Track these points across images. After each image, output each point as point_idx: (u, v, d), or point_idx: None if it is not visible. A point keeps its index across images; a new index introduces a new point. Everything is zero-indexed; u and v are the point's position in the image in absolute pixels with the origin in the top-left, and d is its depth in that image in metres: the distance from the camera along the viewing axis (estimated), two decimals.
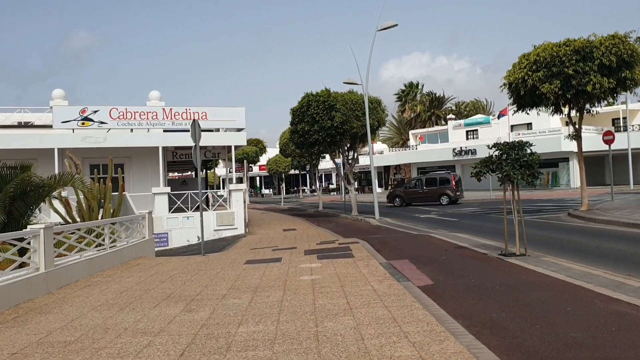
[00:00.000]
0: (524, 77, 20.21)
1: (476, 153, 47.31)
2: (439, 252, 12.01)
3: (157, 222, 21.80)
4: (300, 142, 27.18)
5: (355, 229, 21.41)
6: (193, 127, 15.01)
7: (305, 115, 25.97)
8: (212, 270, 11.09)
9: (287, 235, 20.36)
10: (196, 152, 14.96)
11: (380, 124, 27.42)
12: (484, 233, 16.42)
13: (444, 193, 33.04)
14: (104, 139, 21.39)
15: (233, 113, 23.06)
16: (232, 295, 8.15)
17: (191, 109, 22.46)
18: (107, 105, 21.58)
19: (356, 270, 9.81)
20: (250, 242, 19.09)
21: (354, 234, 18.76)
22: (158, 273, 11.12)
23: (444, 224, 21.15)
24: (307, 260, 11.58)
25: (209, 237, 22.35)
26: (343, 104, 25.63)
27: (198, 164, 15.02)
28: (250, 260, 12.30)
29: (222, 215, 22.69)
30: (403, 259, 11.07)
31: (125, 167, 23.89)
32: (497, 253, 11.39)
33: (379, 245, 13.83)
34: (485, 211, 25.74)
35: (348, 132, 25.99)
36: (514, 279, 8.52)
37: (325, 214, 32.25)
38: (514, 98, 21.70)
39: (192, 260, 13.66)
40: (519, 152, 11.00)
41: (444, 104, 75.26)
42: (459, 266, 10.03)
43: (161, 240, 21.92)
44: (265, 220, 29.18)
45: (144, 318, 6.90)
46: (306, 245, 15.24)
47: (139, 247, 14.57)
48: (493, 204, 30.07)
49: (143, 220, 15.39)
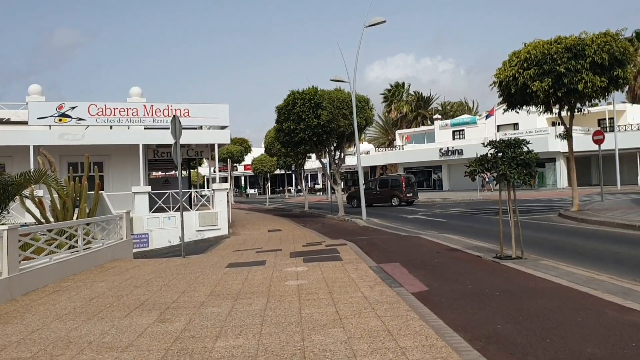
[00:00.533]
0: (515, 75, 19.80)
1: (463, 153, 47.05)
2: (431, 255, 11.47)
3: (137, 222, 21.08)
4: (286, 141, 26.54)
5: (342, 229, 20.84)
6: (173, 124, 14.34)
7: (291, 113, 25.35)
8: (191, 274, 10.44)
9: (272, 237, 19.74)
10: (176, 150, 14.29)
11: (368, 122, 26.87)
12: (474, 234, 15.92)
13: (395, 195, 34.29)
14: (82, 136, 20.60)
15: (216, 110, 22.36)
16: (211, 302, 7.52)
17: (173, 105, 21.73)
18: (85, 101, 20.78)
19: (345, 274, 9.22)
20: (234, 244, 18.44)
21: (341, 235, 18.18)
22: (134, 277, 10.44)
23: (432, 224, 20.65)
24: (292, 264, 10.97)
25: (191, 237, 21.67)
26: (330, 102, 25.06)
27: (178, 162, 14.34)
28: (233, 264, 11.66)
29: (205, 215, 21.99)
30: (394, 262, 10.51)
31: (104, 166, 23.11)
32: (491, 256, 10.87)
33: (368, 247, 13.27)
34: (474, 211, 25.31)
35: (335, 131, 25.41)
36: (514, 284, 7.98)
37: (311, 214, 31.67)
38: (504, 96, 21.31)
39: (171, 262, 12.99)
40: (515, 150, 10.47)
41: (430, 104, 75.02)
42: (454, 270, 9.48)
43: (141, 241, 21.18)
44: (250, 220, 28.52)
45: (112, 329, 6.25)
46: (292, 247, 14.63)
47: (116, 249, 13.86)
48: (481, 204, 29.70)
49: (120, 220, 14.66)
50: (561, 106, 21.31)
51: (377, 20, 23.04)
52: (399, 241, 14.65)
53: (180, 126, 14.43)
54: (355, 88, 24.51)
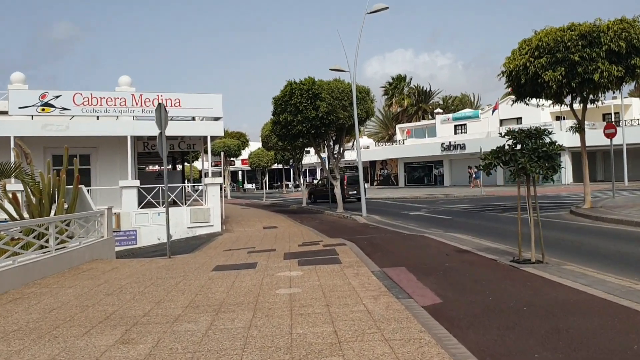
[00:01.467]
0: (525, 64, 18.62)
1: (465, 148, 45.91)
2: (440, 258, 10.35)
3: (125, 218, 19.99)
4: (283, 133, 25.39)
5: (341, 227, 19.72)
6: (158, 112, 13.20)
7: (288, 104, 24.19)
8: (172, 278, 9.32)
9: (267, 234, 18.63)
10: (161, 141, 13.15)
11: (368, 114, 25.70)
12: (484, 233, 14.81)
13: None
14: (67, 126, 19.44)
15: (209, 100, 21.19)
16: (187, 317, 6.40)
17: (163, 95, 20.57)
18: (70, 90, 19.60)
19: (344, 281, 8.11)
20: (226, 242, 17.33)
21: (340, 233, 17.08)
22: (108, 282, 9.32)
23: (436, 222, 19.55)
24: (286, 267, 9.85)
25: (181, 235, 20.58)
26: (329, 93, 23.90)
27: (164, 154, 13.20)
28: (221, 266, 10.55)
29: (197, 211, 20.86)
30: (399, 267, 9.39)
31: (91, 158, 21.97)
32: (508, 259, 9.76)
33: (369, 248, 12.15)
34: (479, 208, 24.19)
35: (334, 123, 24.27)
36: (541, 296, 6.87)
37: (309, 210, 30.54)
38: (514, 87, 20.14)
39: (154, 263, 11.87)
40: (536, 141, 9.36)
41: (431, 98, 73.80)
42: (468, 277, 8.36)
43: (129, 238, 20.08)
44: (245, 216, 27.39)
45: (62, 354, 5.13)
46: (287, 247, 13.52)
47: (96, 248, 12.74)
48: (486, 201, 28.57)
49: (101, 217, 13.53)
50: (573, 98, 20.15)
51: (380, 7, 21.87)
52: (402, 241, 13.52)
53: (166, 115, 13.29)
54: (355, 78, 23.37)
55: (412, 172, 53.97)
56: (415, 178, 53.40)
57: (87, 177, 21.80)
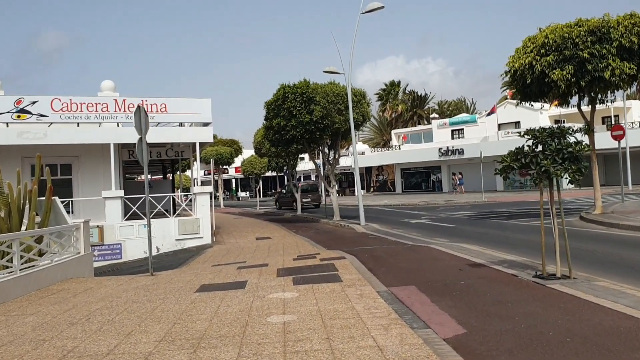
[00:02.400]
0: (531, 63, 17.62)
1: (464, 153, 44.91)
2: (453, 273, 9.24)
3: (109, 231, 18.81)
4: (276, 139, 24.28)
5: (339, 237, 18.60)
6: (138, 115, 12.06)
7: (281, 109, 23.11)
8: (150, 302, 8.17)
9: (260, 246, 17.49)
10: (142, 147, 12.01)
11: (365, 118, 24.63)
12: (493, 243, 13.73)
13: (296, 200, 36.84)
14: (44, 134, 18.25)
15: (198, 105, 20.06)
16: (159, 355, 5.26)
17: (148, 99, 19.42)
18: (48, 95, 18.45)
19: (347, 305, 6.98)
20: (215, 255, 16.16)
21: (339, 244, 15.96)
22: (77, 306, 8.15)
23: (439, 231, 18.46)
24: (279, 286, 8.71)
25: (169, 248, 19.40)
26: (323, 97, 22.84)
27: (144, 161, 12.06)
28: (206, 286, 9.40)
29: (185, 222, 19.68)
30: (408, 285, 8.27)
31: (72, 168, 20.78)
32: (529, 274, 8.67)
33: (372, 261, 11.03)
34: (483, 215, 23.11)
35: (329, 128, 23.19)
36: (583, 322, 5.76)
37: (304, 218, 29.40)
38: (518, 87, 19.13)
39: (134, 282, 10.70)
40: (560, 140, 8.28)
41: (426, 103, 72.89)
42: (490, 297, 7.25)
43: (113, 252, 18.88)
44: (238, 226, 26.22)
45: None
46: (280, 261, 12.38)
47: (70, 266, 11.56)
48: (488, 207, 27.51)
49: (77, 231, 12.35)
50: (580, 98, 19.16)
51: (375, 6, 20.87)
52: (407, 253, 12.39)
53: (146, 119, 12.17)
54: (351, 80, 22.33)
55: (410, 178, 52.91)
56: (412, 184, 52.34)
57: (68, 188, 20.67)
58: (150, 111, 19.47)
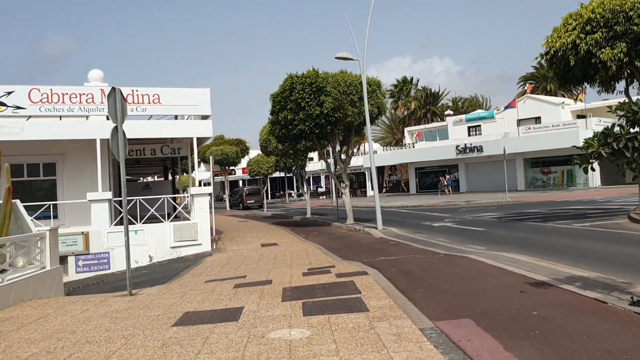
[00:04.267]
0: (575, 42, 15.35)
1: (482, 150, 42.46)
2: (515, 297, 6.98)
3: (95, 238, 16.68)
4: (283, 134, 22.00)
5: (355, 244, 16.35)
6: (112, 99, 9.90)
7: (288, 101, 20.86)
8: (109, 342, 5.99)
9: (265, 254, 15.29)
10: (117, 139, 9.83)
11: (380, 111, 22.29)
12: (543, 252, 11.47)
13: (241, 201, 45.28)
14: (22, 129, 16.13)
15: (195, 96, 17.86)
16: None
17: (139, 89, 17.28)
18: (25, 84, 16.34)
19: (382, 353, 4.75)
20: (213, 266, 13.98)
21: (356, 252, 13.74)
22: (6, 351, 5.99)
23: (469, 235, 16.18)
24: (284, 317, 6.51)
25: (164, 256, 17.23)
26: (334, 87, 20.59)
27: (120, 156, 9.87)
28: (190, 315, 7.21)
29: (182, 227, 17.50)
30: (461, 318, 6.03)
31: (57, 167, 18.66)
32: (618, 298, 6.40)
33: (402, 278, 8.79)
34: (513, 217, 20.76)
35: (341, 122, 20.92)
36: None
37: (314, 221, 27.15)
38: (557, 71, 16.82)
39: (104, 306, 8.53)
40: None
41: (439, 100, 70.37)
42: (586, 341, 4.99)
43: (100, 262, 16.74)
44: (242, 231, 24.01)
45: None
46: (287, 276, 10.17)
47: (30, 285, 9.43)
48: (515, 208, 25.14)
49: (41, 241, 10.20)
50: (628, 82, 16.80)
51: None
52: (444, 266, 10.11)
53: (123, 103, 9.99)
54: (366, 67, 20.08)
55: (424, 178, 50.41)
56: (427, 184, 49.88)
57: (52, 190, 18.57)
58: (142, 102, 17.36)
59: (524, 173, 42.07)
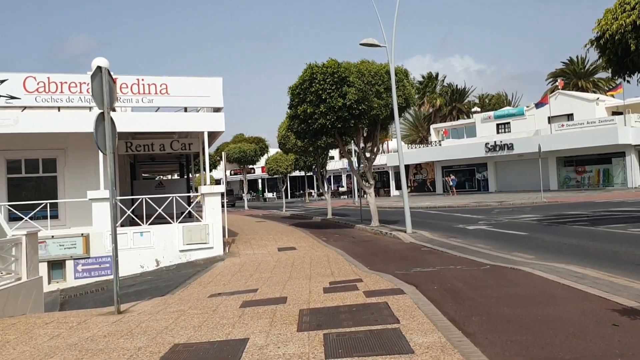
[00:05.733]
0: (636, 22, 13.41)
1: (513, 148, 40.31)
2: (607, 334, 5.21)
3: (96, 240, 15.25)
4: (302, 130, 20.33)
5: (383, 250, 14.62)
6: (98, 80, 8.31)
7: (307, 93, 19.19)
8: None
9: (281, 260, 13.67)
10: (103, 127, 8.26)
11: (408, 102, 20.45)
12: (605, 263, 9.70)
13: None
14: (16, 120, 14.73)
15: (206, 86, 16.30)
16: None
17: (145, 78, 15.77)
18: (20, 72, 14.90)
19: None
20: (223, 274, 12.39)
21: (385, 261, 12.04)
22: None
23: (511, 240, 14.36)
24: (299, 358, 4.83)
25: (172, 260, 15.73)
26: (358, 77, 18.86)
27: (108, 147, 8.31)
28: (180, 349, 5.59)
29: (192, 229, 15.95)
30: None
31: (58, 163, 17.28)
32: None
33: (449, 301, 7.05)
34: (555, 220, 18.83)
35: (366, 115, 19.18)
36: None
37: (335, 223, 25.46)
38: (612, 57, 14.86)
39: (80, 330, 6.96)
40: None
41: (465, 97, 68.06)
42: None
43: (101, 267, 15.31)
44: (258, 232, 22.41)
45: None
46: (305, 291, 8.50)
47: (2, 300, 7.90)
48: (554, 209, 23.15)
49: (16, 248, 8.68)
50: None
51: None
52: (495, 282, 8.31)
53: (112, 86, 8.42)
54: (394, 54, 18.30)
55: None
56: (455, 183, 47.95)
57: (53, 188, 17.19)
58: (148, 93, 15.85)
59: (557, 172, 39.82)
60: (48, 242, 14.94)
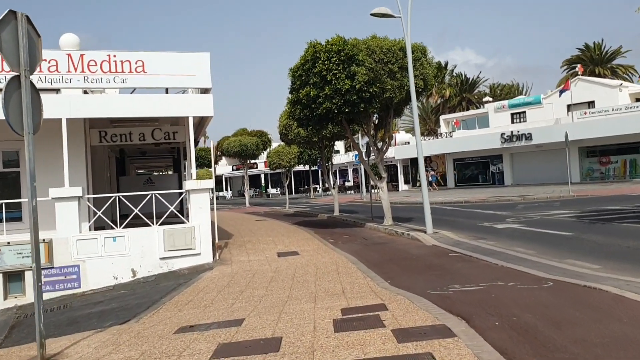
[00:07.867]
0: None
1: (531, 138, 37.66)
2: None
3: (60, 247, 12.83)
4: (305, 116, 17.79)
5: (402, 255, 12.14)
6: (10, 30, 5.85)
7: (310, 74, 16.70)
8: None
9: (281, 271, 11.26)
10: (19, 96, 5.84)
11: (426, 84, 17.89)
12: None
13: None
14: None
15: (189, 62, 13.80)
16: None
17: (117, 54, 13.29)
18: None
19: None
20: (207, 291, 9.98)
21: (406, 270, 9.62)
22: None
23: (554, 243, 11.93)
24: None
25: (151, 270, 13.29)
26: (368, 54, 16.39)
27: (25, 125, 5.88)
28: None
29: (174, 233, 13.51)
30: None
31: (20, 156, 14.89)
32: None
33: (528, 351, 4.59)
34: (595, 216, 16.33)
35: (377, 98, 16.68)
36: None
37: (343, 221, 22.99)
38: None
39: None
40: None
41: (475, 87, 65.26)
42: None
43: (67, 278, 12.88)
44: (257, 232, 19.95)
45: None
46: (309, 326, 6.07)
47: None
48: (586, 204, 20.62)
49: None
50: None
51: None
52: (581, 314, 5.80)
53: (33, 40, 6.00)
54: (410, 27, 15.81)
55: (464, 170, 45.59)
56: (467, 177, 45.15)
57: (15, 184, 14.83)
58: (121, 71, 13.39)
59: (579, 163, 37.15)
60: (3, 250, 12.55)
